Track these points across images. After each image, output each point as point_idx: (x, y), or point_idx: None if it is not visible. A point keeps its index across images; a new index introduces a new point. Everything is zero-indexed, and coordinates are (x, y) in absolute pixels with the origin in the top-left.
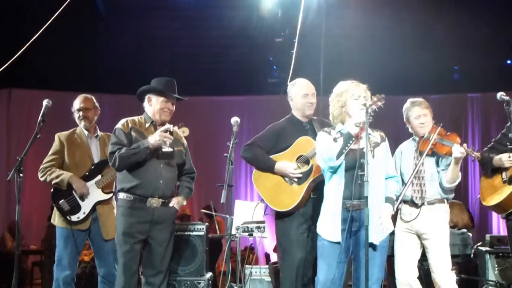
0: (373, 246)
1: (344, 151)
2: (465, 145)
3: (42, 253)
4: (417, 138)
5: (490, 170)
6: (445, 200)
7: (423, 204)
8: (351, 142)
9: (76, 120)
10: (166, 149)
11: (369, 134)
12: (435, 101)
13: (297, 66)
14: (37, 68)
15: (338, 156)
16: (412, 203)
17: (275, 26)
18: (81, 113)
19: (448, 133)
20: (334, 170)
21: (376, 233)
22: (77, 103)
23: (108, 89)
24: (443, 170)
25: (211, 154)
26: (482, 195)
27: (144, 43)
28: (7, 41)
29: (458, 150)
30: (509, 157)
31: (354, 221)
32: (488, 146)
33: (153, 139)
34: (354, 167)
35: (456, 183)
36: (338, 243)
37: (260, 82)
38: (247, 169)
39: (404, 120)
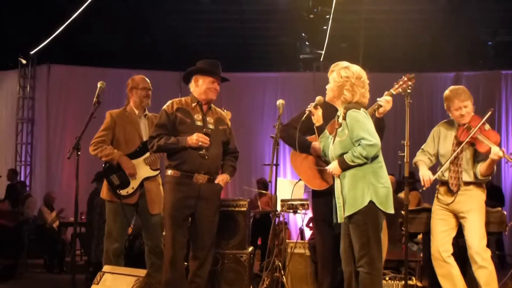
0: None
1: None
2: (503, 149)
3: (82, 225)
4: (457, 123)
5: None
6: (481, 183)
7: (458, 190)
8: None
9: (137, 97)
10: (203, 152)
11: (338, 115)
12: (468, 78)
13: (331, 43)
14: (75, 45)
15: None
16: (448, 188)
17: (308, 2)
18: (149, 92)
19: (488, 128)
20: None
21: (338, 213)
22: (141, 83)
23: (143, 66)
24: (479, 160)
25: (243, 131)
26: None
27: (178, 18)
28: (46, 18)
29: (496, 153)
30: None
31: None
32: None
33: (191, 140)
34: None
35: (490, 177)
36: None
37: (293, 58)
38: (280, 147)
39: (445, 107)
